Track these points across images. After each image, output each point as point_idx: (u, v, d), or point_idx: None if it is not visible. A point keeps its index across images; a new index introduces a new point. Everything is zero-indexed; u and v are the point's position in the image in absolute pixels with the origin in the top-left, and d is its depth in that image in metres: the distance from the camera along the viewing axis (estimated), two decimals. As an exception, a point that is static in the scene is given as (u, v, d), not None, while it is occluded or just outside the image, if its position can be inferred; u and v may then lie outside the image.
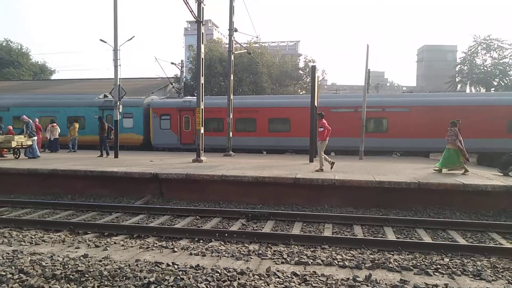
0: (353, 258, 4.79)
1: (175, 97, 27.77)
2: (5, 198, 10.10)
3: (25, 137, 14.78)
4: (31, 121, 15.75)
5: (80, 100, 22.93)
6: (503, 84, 37.02)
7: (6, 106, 23.05)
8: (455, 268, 4.43)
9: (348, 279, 3.99)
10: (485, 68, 38.64)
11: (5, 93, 28.92)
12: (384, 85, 67.02)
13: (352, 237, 6.71)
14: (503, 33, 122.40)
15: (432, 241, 6.44)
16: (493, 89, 36.95)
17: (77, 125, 19.40)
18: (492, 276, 4.15)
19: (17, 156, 14.51)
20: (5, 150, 14.62)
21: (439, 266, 4.45)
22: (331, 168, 11.09)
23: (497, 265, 4.61)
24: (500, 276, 4.20)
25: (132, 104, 21.67)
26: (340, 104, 19.61)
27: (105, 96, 23.09)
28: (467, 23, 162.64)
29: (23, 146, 14.49)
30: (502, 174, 11.01)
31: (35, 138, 15.33)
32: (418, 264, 4.52)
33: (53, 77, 54.27)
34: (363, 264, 4.45)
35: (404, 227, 7.40)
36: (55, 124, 18.80)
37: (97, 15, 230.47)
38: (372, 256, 4.92)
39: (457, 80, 41.43)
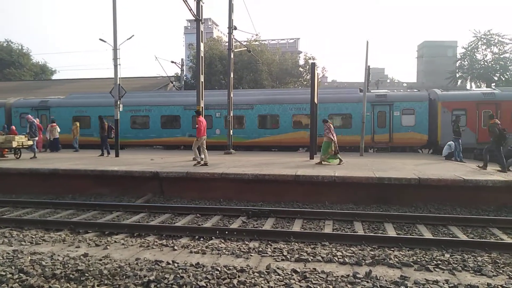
0: (353, 254, 4.79)
1: (466, 90, 25.20)
2: (6, 198, 10.12)
3: (26, 137, 14.87)
4: (35, 121, 15.94)
5: (346, 95, 20.25)
6: (503, 79, 36.91)
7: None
8: (455, 263, 4.42)
9: (348, 275, 3.98)
10: (485, 63, 38.52)
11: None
12: (384, 81, 66.80)
13: (352, 233, 6.71)
14: (503, 28, 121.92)
15: (432, 237, 6.44)
16: (494, 84, 36.83)
17: (78, 124, 19.38)
18: (493, 272, 4.14)
19: (18, 156, 14.53)
20: (6, 150, 14.66)
21: (439, 262, 4.44)
22: (195, 165, 11.60)
23: (498, 261, 4.61)
24: (501, 271, 4.20)
25: (414, 98, 19.23)
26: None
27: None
28: (467, 18, 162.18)
29: (24, 146, 14.58)
30: (501, 169, 10.96)
31: (36, 138, 15.56)
32: (419, 260, 4.52)
33: (54, 77, 54.32)
34: (363, 261, 4.45)
35: (405, 223, 7.39)
36: (54, 124, 18.83)
37: (97, 14, 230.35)
38: (372, 253, 4.92)
39: (457, 75, 41.32)
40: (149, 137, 21.45)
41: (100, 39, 20.15)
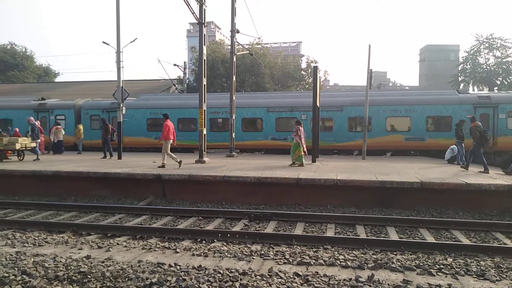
0: (355, 258, 4.78)
1: None
2: (9, 200, 10.16)
3: (28, 138, 14.98)
4: (36, 123, 16.04)
5: (446, 96, 18.88)
6: (506, 83, 36.83)
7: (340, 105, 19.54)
8: (458, 268, 4.41)
9: (350, 279, 3.98)
10: (488, 67, 38.45)
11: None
12: (387, 85, 66.79)
13: (354, 237, 6.69)
14: (505, 32, 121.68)
15: (435, 241, 6.41)
16: (496, 88, 36.77)
17: (81, 127, 19.41)
18: (496, 276, 4.12)
19: (21, 158, 14.59)
20: (10, 152, 14.74)
21: (442, 266, 4.43)
22: (179, 166, 11.86)
23: (501, 265, 4.59)
24: (504, 276, 4.18)
25: None
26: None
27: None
28: (470, 22, 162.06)
29: (27, 148, 14.66)
30: (505, 173, 10.95)
31: (39, 140, 15.68)
32: (421, 264, 4.50)
33: (57, 79, 54.56)
34: (365, 264, 4.43)
35: (407, 227, 7.38)
36: (59, 126, 18.93)
37: (100, 17, 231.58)
38: (374, 256, 4.90)
39: (459, 79, 41.26)
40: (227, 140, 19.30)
41: (104, 42, 20.23)
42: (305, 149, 12.72)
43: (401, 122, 18.51)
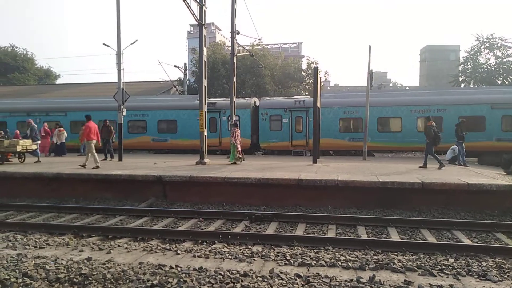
0: (356, 259, 4.77)
1: None
2: (10, 202, 10.17)
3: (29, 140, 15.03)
4: (35, 125, 16.12)
5: None
6: (507, 83, 36.76)
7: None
8: (460, 268, 4.40)
9: (351, 280, 3.97)
10: (489, 67, 38.39)
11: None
12: (387, 85, 66.76)
13: (355, 238, 6.68)
14: (506, 32, 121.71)
15: (436, 242, 6.40)
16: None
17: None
18: (497, 277, 4.11)
19: (22, 160, 14.61)
20: (11, 154, 14.76)
21: (443, 267, 4.42)
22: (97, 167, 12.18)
23: (502, 266, 4.57)
24: (506, 276, 4.17)
25: None
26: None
27: None
28: (470, 22, 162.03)
29: (28, 150, 14.67)
30: (506, 173, 10.94)
31: (39, 142, 15.77)
32: (423, 264, 4.49)
33: (58, 81, 54.64)
34: (367, 265, 4.43)
35: (408, 227, 7.36)
36: (62, 128, 18.98)
37: (100, 19, 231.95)
38: (376, 257, 4.90)
39: (460, 79, 41.20)
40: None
41: (104, 44, 20.32)
42: (239, 149, 14.01)
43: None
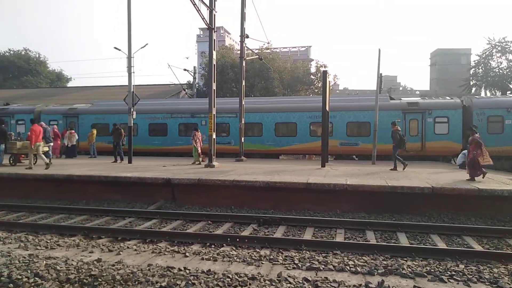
0: (365, 264, 4.73)
1: None
2: (22, 203, 10.34)
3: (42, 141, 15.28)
4: (48, 128, 16.37)
5: None
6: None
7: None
8: (470, 275, 4.33)
9: (360, 285, 3.94)
10: (500, 70, 37.85)
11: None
12: (397, 89, 66.28)
13: (364, 242, 6.64)
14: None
15: (446, 247, 6.33)
16: (509, 92, 36.15)
17: (95, 131, 19.61)
18: (509, 284, 4.05)
19: (34, 162, 14.80)
20: (23, 156, 14.99)
21: (454, 273, 4.36)
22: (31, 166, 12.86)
23: (514, 272, 4.50)
24: (518, 283, 4.10)
25: None
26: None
27: None
28: (481, 26, 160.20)
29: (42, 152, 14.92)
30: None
31: (51, 144, 15.98)
32: (432, 270, 4.44)
33: (69, 84, 55.48)
34: (375, 270, 4.39)
35: (418, 232, 7.29)
36: (73, 131, 19.26)
37: (112, 23, 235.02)
38: (385, 262, 4.86)
39: (471, 83, 40.69)
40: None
41: (115, 48, 20.57)
42: (199, 151, 15.29)
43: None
